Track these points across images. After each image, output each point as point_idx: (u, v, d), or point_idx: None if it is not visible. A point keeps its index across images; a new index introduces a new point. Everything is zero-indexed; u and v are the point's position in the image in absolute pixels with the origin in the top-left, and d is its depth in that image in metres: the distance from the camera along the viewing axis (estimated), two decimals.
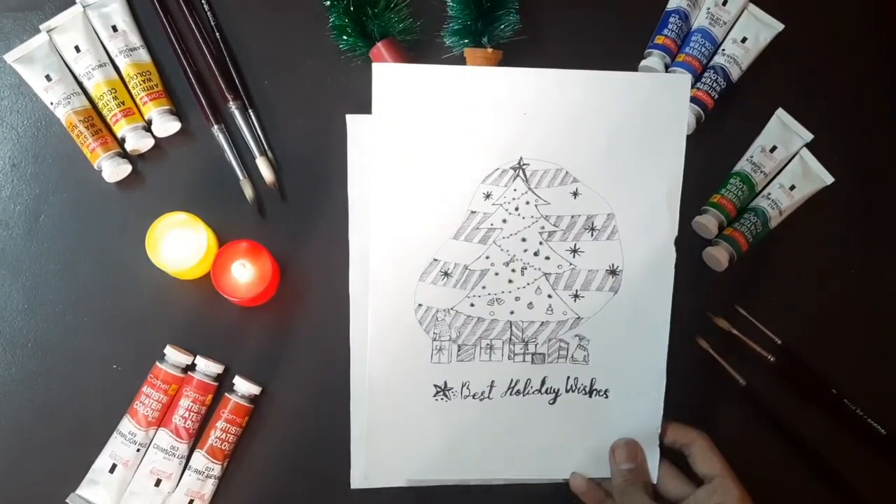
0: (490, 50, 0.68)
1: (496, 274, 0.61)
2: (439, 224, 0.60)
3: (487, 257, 0.61)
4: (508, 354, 0.61)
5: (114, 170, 0.65)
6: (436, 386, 0.61)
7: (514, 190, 0.60)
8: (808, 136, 0.71)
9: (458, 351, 0.61)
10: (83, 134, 0.65)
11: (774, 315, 0.68)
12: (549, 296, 0.61)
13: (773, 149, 0.70)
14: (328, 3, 0.69)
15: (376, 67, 0.59)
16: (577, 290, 0.61)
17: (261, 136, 0.68)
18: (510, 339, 0.61)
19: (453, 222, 0.60)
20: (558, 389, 0.62)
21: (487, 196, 0.60)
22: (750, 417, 0.67)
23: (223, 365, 0.64)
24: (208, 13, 0.70)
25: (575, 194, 0.61)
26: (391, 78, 0.59)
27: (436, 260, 0.60)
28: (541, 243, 0.61)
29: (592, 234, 0.61)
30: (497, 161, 0.60)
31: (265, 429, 0.64)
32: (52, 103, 0.66)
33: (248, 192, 0.67)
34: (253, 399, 0.63)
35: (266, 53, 0.70)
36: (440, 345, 0.61)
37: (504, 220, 0.61)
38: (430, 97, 0.59)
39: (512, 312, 0.61)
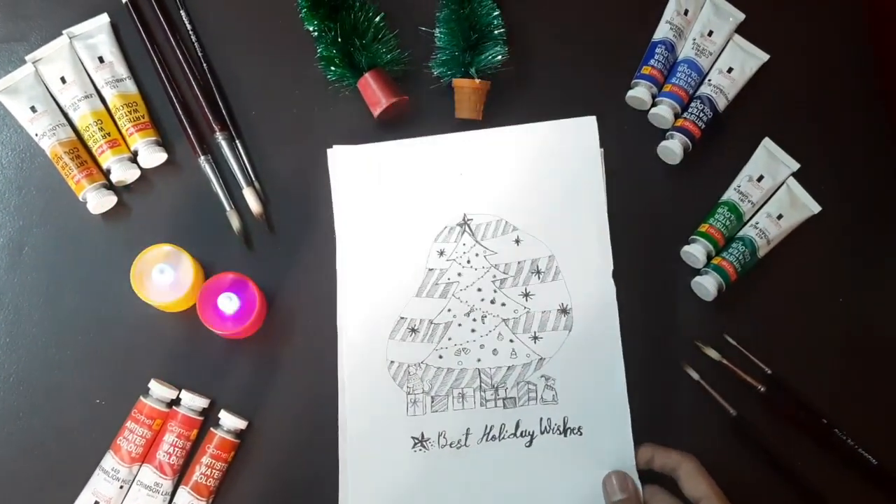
0: (478, 80, 0.69)
1: (459, 325, 0.64)
2: (402, 284, 0.64)
3: (449, 310, 0.64)
4: (480, 401, 0.63)
5: (99, 201, 0.65)
6: (413, 437, 0.62)
7: (464, 244, 0.65)
8: (795, 165, 0.71)
9: (432, 402, 0.63)
10: (68, 165, 0.64)
11: (764, 344, 0.68)
12: (511, 340, 0.64)
13: (760, 178, 0.70)
14: (316, 34, 0.69)
15: (331, 153, 0.66)
16: (535, 332, 0.64)
17: (248, 166, 0.68)
18: (480, 385, 0.63)
19: (414, 281, 0.65)
20: (533, 432, 0.63)
21: (441, 253, 0.65)
22: (740, 448, 0.66)
23: (209, 399, 0.63)
24: (195, 44, 0.70)
25: (517, 241, 0.65)
26: (343, 159, 0.66)
27: (402, 318, 0.64)
28: (495, 291, 0.65)
29: (539, 277, 0.65)
30: (444, 220, 0.66)
31: (251, 464, 0.63)
32: (36, 135, 0.65)
33: (235, 223, 0.66)
34: (239, 434, 0.62)
35: (253, 84, 0.70)
36: (414, 398, 0.63)
37: (459, 274, 0.65)
38: (377, 171, 0.66)
39: (479, 360, 0.64)
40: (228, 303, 0.61)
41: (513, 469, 0.62)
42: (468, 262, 0.65)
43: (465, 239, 0.65)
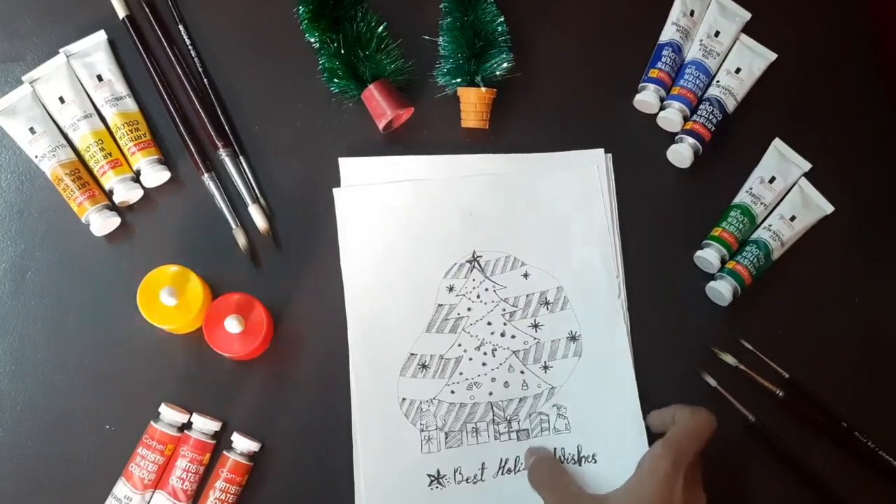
0: (484, 89, 0.67)
1: (470, 359, 0.64)
2: (411, 320, 0.65)
3: (460, 345, 0.64)
4: (494, 435, 0.63)
5: (102, 223, 0.64)
6: (429, 475, 0.62)
7: (473, 280, 0.66)
8: (807, 166, 0.71)
9: (446, 438, 0.63)
10: (69, 187, 0.63)
11: (781, 348, 0.67)
12: (522, 371, 0.65)
13: (772, 179, 0.70)
14: (317, 45, 0.68)
15: (336, 193, 0.66)
16: (545, 362, 0.65)
17: (252, 183, 0.67)
18: (493, 419, 0.64)
19: (424, 317, 0.65)
20: None
21: (451, 289, 0.65)
22: (760, 453, 0.65)
23: (220, 421, 0.62)
24: (195, 59, 0.69)
25: (525, 276, 0.67)
26: (350, 200, 0.66)
27: (412, 354, 0.64)
28: (505, 324, 0.65)
29: (548, 308, 0.66)
30: (454, 257, 0.66)
31: (266, 487, 0.62)
32: (36, 156, 0.64)
33: (242, 241, 0.65)
34: (252, 456, 0.61)
35: (256, 98, 0.69)
36: (428, 435, 0.63)
37: (469, 308, 0.65)
38: (386, 212, 0.67)
39: (490, 393, 0.64)
40: (235, 324, 0.60)
41: (530, 501, 0.61)
42: (478, 296, 0.66)
43: (475, 275, 0.66)
